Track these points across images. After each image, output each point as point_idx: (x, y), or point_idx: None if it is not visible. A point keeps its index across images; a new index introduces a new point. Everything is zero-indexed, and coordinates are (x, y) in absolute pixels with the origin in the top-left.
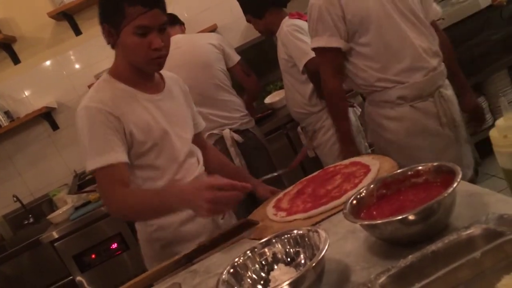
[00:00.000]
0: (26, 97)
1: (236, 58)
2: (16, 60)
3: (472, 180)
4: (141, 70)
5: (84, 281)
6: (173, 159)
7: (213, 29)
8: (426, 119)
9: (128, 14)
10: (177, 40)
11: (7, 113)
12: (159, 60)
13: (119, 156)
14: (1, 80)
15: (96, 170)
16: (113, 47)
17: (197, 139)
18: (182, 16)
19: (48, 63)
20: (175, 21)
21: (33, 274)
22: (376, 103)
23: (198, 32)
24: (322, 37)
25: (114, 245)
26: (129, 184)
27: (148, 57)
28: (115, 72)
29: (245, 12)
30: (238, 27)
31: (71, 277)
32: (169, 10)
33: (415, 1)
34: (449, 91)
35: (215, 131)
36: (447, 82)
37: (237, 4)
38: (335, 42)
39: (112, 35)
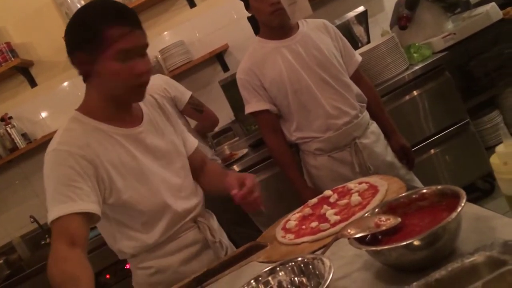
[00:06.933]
0: (42, 119)
1: (185, 98)
2: (33, 84)
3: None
4: (118, 103)
5: None
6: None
7: (224, 48)
8: (341, 167)
9: (106, 37)
10: None
11: (24, 135)
12: (142, 88)
13: (86, 205)
14: (18, 103)
15: (54, 221)
16: (85, 79)
17: (195, 158)
18: (193, 36)
19: (64, 85)
20: None
21: None
22: (303, 151)
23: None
24: (251, 103)
25: (128, 265)
26: (80, 243)
27: (130, 85)
28: (85, 109)
29: None
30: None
31: None
32: (181, 29)
33: (333, 59)
34: (368, 140)
35: None
36: (371, 128)
37: (249, 24)
38: (263, 105)
39: (85, 64)
